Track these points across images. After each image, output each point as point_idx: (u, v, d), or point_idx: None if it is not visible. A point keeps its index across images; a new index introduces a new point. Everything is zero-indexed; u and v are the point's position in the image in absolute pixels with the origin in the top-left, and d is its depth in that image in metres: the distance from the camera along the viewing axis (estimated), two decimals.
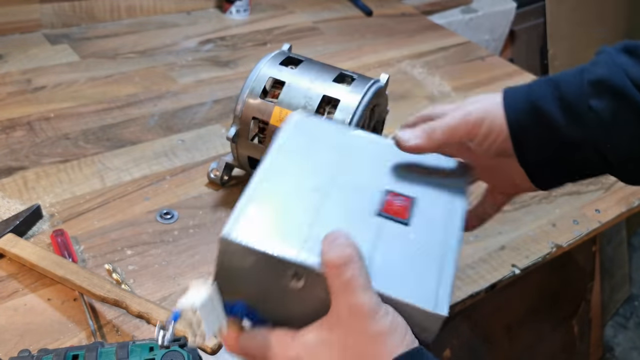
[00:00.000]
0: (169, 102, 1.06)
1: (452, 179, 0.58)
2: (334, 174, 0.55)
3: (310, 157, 0.56)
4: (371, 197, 0.54)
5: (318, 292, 0.46)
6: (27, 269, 0.71)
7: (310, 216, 0.50)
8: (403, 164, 0.58)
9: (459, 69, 1.32)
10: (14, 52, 1.13)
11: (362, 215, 0.52)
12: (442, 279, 0.48)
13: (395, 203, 0.54)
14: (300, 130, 0.59)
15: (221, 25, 1.34)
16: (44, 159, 0.89)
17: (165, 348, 0.56)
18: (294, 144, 0.57)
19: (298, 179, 0.54)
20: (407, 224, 0.52)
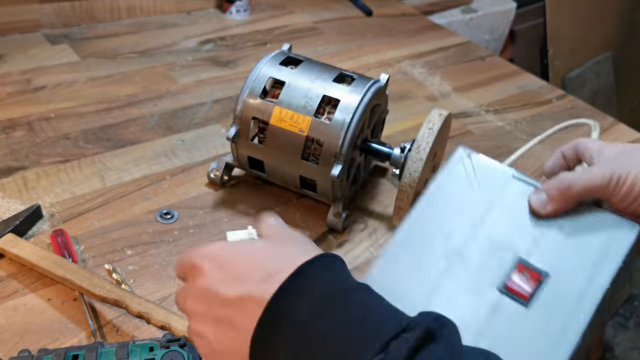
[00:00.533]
0: (169, 102, 1.06)
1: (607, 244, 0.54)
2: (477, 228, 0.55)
3: (460, 206, 0.57)
4: (502, 264, 0.53)
5: None
6: (27, 269, 0.71)
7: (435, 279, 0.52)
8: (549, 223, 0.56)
9: (459, 69, 1.32)
10: (14, 52, 1.13)
11: (484, 287, 0.52)
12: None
13: (519, 280, 0.52)
14: (461, 170, 0.59)
15: (221, 25, 1.34)
16: (44, 159, 0.89)
17: (166, 348, 0.56)
18: (450, 187, 0.58)
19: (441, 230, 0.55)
20: (526, 306, 0.51)
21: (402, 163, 0.79)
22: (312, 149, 0.79)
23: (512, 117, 1.17)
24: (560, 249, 0.54)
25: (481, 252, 0.54)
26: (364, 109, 0.78)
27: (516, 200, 0.57)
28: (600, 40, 2.41)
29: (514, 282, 0.52)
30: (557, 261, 0.53)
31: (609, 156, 0.58)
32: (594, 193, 0.56)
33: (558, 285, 0.52)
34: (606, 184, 0.55)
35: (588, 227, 0.55)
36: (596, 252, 0.53)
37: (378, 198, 0.91)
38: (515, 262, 0.53)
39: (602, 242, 0.54)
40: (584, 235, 0.55)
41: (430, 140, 0.75)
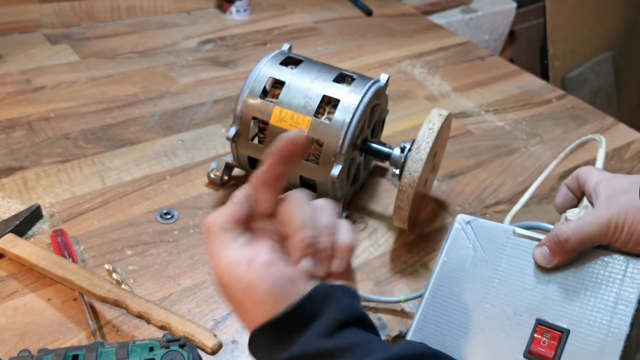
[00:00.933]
0: (169, 102, 1.06)
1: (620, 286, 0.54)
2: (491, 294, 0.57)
3: (471, 275, 0.58)
4: (523, 328, 0.54)
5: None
6: (27, 269, 0.71)
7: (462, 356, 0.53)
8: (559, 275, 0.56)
9: (459, 69, 1.32)
10: (14, 52, 1.13)
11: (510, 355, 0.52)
12: None
13: (542, 342, 0.53)
14: (463, 239, 0.61)
15: (221, 25, 1.34)
16: (44, 159, 0.89)
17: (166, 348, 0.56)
18: (457, 258, 0.60)
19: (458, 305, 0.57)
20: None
21: (402, 163, 0.79)
22: (312, 149, 0.79)
23: (512, 117, 1.17)
24: (575, 301, 0.54)
25: (501, 318, 0.55)
26: (364, 109, 0.78)
27: (522, 258, 0.58)
28: (600, 40, 2.41)
29: (537, 346, 0.53)
30: (574, 314, 0.54)
31: (605, 197, 0.57)
32: (593, 242, 0.56)
33: (579, 340, 0.52)
34: (604, 233, 0.55)
35: (598, 273, 0.55)
36: (611, 297, 0.54)
37: (378, 198, 0.91)
38: (533, 323, 0.54)
39: (615, 285, 0.54)
40: (595, 282, 0.55)
41: (430, 140, 0.75)
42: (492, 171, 1.01)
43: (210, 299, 0.72)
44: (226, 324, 0.69)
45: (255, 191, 0.47)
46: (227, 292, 0.45)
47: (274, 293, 0.43)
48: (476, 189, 0.96)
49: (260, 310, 0.43)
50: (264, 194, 0.47)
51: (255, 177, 0.48)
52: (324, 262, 0.46)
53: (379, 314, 0.73)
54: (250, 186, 0.47)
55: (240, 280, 0.44)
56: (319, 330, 0.42)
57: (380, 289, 0.77)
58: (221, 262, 0.45)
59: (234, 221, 0.46)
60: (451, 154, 1.02)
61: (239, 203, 0.46)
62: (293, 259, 0.46)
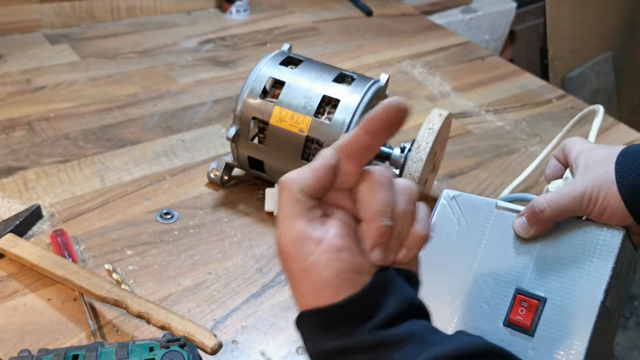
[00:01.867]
0: (169, 102, 1.06)
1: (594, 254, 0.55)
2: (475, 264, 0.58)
3: (456, 247, 0.59)
4: (502, 299, 0.55)
5: None
6: (27, 269, 0.71)
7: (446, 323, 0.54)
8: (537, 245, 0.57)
9: (459, 69, 1.32)
10: (14, 52, 1.13)
11: (491, 324, 0.53)
12: None
13: (520, 310, 0.54)
14: (448, 212, 0.62)
15: (221, 25, 1.34)
16: (44, 159, 0.89)
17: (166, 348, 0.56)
18: (443, 232, 0.61)
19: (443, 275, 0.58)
20: (531, 335, 0.52)
21: (402, 163, 0.79)
22: (312, 149, 0.79)
23: (512, 117, 1.17)
24: (553, 270, 0.56)
25: (483, 289, 0.56)
26: (364, 109, 0.78)
27: (503, 229, 0.59)
28: (600, 40, 2.41)
29: (515, 314, 0.54)
30: (552, 283, 0.55)
31: (583, 169, 0.57)
32: (568, 213, 0.57)
33: (555, 308, 0.53)
34: (578, 205, 0.56)
35: (574, 243, 0.56)
36: (586, 266, 0.55)
37: None
38: (513, 292, 0.55)
39: (590, 254, 0.55)
40: (572, 251, 0.56)
41: (430, 140, 0.75)
42: (492, 171, 1.01)
43: (210, 299, 0.72)
44: (226, 324, 0.69)
45: (340, 159, 0.43)
46: (287, 265, 0.43)
47: (335, 282, 0.41)
48: (476, 189, 0.96)
49: (317, 295, 0.41)
50: (348, 165, 0.43)
51: (343, 144, 0.43)
52: (394, 250, 0.44)
53: None
54: (336, 152, 0.43)
55: (305, 258, 0.41)
56: (374, 323, 0.41)
57: None
58: (289, 233, 0.42)
59: (316, 189, 0.42)
60: (451, 154, 1.02)
61: (324, 170, 0.43)
62: (364, 245, 0.42)
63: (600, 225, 0.56)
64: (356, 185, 0.44)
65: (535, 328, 0.53)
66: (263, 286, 0.75)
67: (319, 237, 0.41)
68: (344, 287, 0.41)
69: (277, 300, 0.73)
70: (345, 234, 0.42)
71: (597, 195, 0.55)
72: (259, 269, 0.77)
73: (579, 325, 0.52)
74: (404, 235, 0.44)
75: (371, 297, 0.41)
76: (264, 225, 0.83)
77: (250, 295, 0.73)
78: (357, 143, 0.43)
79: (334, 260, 0.41)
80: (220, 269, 0.76)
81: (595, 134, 0.71)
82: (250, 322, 0.70)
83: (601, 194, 0.55)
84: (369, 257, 0.42)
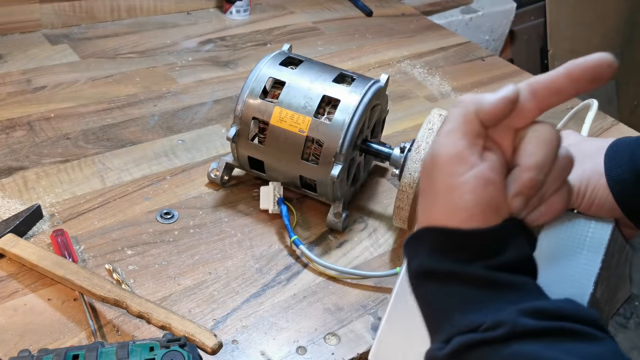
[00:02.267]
0: (169, 102, 1.06)
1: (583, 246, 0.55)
2: None
3: None
4: None
5: None
6: (27, 269, 0.71)
7: None
8: None
9: (459, 69, 1.32)
10: (14, 52, 1.13)
11: None
12: None
13: None
14: None
15: (221, 25, 1.34)
16: (44, 159, 0.89)
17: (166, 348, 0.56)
18: None
19: None
20: None
21: (402, 163, 0.79)
22: (312, 149, 0.79)
23: None
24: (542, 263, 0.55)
25: None
26: (364, 109, 0.78)
27: None
28: (600, 40, 2.41)
29: None
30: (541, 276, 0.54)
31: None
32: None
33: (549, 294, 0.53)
34: None
35: (564, 235, 0.56)
36: (576, 258, 0.54)
37: (378, 198, 0.91)
38: None
39: (580, 246, 0.55)
40: (561, 244, 0.55)
41: (430, 140, 0.75)
42: None
43: (211, 298, 0.72)
44: (226, 324, 0.69)
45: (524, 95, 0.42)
46: (432, 177, 0.43)
47: (474, 210, 0.41)
48: None
49: (451, 214, 0.42)
50: (530, 103, 0.43)
51: (537, 80, 0.43)
52: (531, 206, 0.44)
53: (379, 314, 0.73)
54: (523, 88, 0.43)
55: (455, 176, 0.41)
56: (491, 262, 0.41)
57: (380, 288, 0.77)
58: (450, 146, 0.42)
59: (491, 116, 0.42)
60: None
61: (505, 101, 0.42)
62: (509, 189, 0.43)
63: (589, 217, 0.56)
64: (524, 129, 0.43)
65: None
66: (263, 286, 0.75)
67: (474, 162, 0.41)
68: (478, 218, 0.41)
69: (277, 300, 0.73)
70: (499, 170, 0.42)
71: (585, 188, 0.55)
72: (259, 269, 0.77)
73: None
74: (545, 198, 0.44)
75: (498, 238, 0.42)
76: (264, 225, 0.83)
77: (251, 295, 0.73)
78: (552, 83, 0.42)
79: (480, 188, 0.41)
80: (220, 269, 0.76)
81: (588, 128, 0.70)
82: (250, 322, 0.70)
83: (590, 186, 0.54)
84: (510, 202, 0.42)
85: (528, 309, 0.40)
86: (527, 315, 0.39)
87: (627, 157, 0.54)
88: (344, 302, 0.74)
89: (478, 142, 0.42)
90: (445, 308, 0.42)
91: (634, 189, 0.53)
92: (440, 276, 0.42)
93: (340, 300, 0.75)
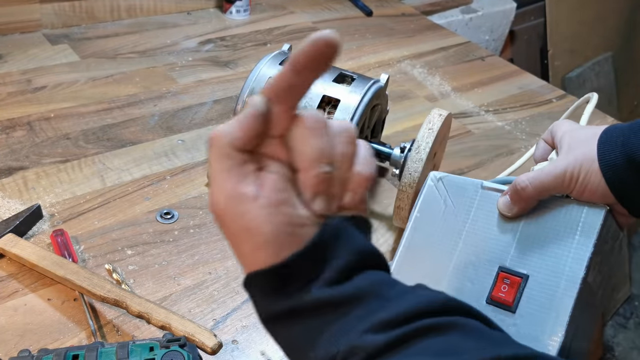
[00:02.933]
0: (169, 102, 1.06)
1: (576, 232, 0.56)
2: (461, 244, 0.58)
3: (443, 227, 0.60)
4: (486, 277, 0.56)
5: None
6: (27, 269, 0.71)
7: None
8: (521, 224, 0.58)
9: (459, 69, 1.32)
10: (14, 52, 1.13)
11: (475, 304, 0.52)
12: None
13: (502, 287, 0.55)
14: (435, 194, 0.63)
15: (221, 25, 1.34)
16: (44, 159, 0.89)
17: (166, 348, 0.56)
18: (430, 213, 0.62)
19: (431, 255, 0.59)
20: (513, 311, 0.53)
21: (402, 163, 0.79)
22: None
23: (512, 117, 1.17)
24: (536, 248, 0.56)
25: (467, 268, 0.56)
26: (364, 109, 0.78)
27: (488, 209, 0.60)
28: (600, 40, 2.41)
29: (498, 291, 0.54)
30: (534, 261, 0.55)
31: (566, 149, 0.58)
32: (550, 191, 0.57)
33: (537, 285, 0.54)
34: (559, 183, 0.56)
35: (557, 221, 0.57)
36: (568, 243, 0.55)
37: (378, 198, 0.91)
38: (496, 270, 0.56)
39: (572, 231, 0.56)
40: (554, 229, 0.56)
41: (430, 140, 0.75)
42: (492, 171, 1.01)
43: (210, 298, 0.72)
44: (226, 324, 0.69)
45: (269, 104, 0.39)
46: (225, 226, 0.39)
47: (278, 239, 0.38)
48: None
49: (260, 255, 0.38)
50: (278, 107, 0.39)
51: (270, 85, 0.39)
52: (337, 196, 0.41)
53: None
54: (263, 97, 0.39)
55: (242, 217, 0.38)
56: (324, 280, 0.38)
57: None
58: (223, 191, 0.38)
59: (245, 141, 0.38)
60: (451, 154, 1.02)
61: (252, 118, 0.38)
62: (304, 196, 0.39)
63: (583, 203, 0.57)
64: (290, 132, 0.40)
65: (517, 305, 0.53)
66: None
67: (255, 193, 0.38)
68: (287, 244, 0.38)
69: None
70: (283, 186, 0.39)
71: (578, 173, 0.55)
72: None
73: (560, 302, 0.52)
74: (346, 178, 0.41)
75: (318, 251, 0.38)
76: None
77: None
78: (283, 81, 0.38)
79: (274, 215, 0.38)
80: (220, 268, 0.76)
81: (586, 119, 0.71)
82: (250, 322, 0.70)
83: (582, 172, 0.55)
84: (312, 207, 0.39)
85: (375, 324, 0.37)
86: (374, 330, 0.36)
87: (619, 143, 0.55)
88: None
89: (248, 171, 0.38)
90: (301, 347, 0.39)
91: (626, 174, 0.54)
92: (283, 317, 0.39)
93: None
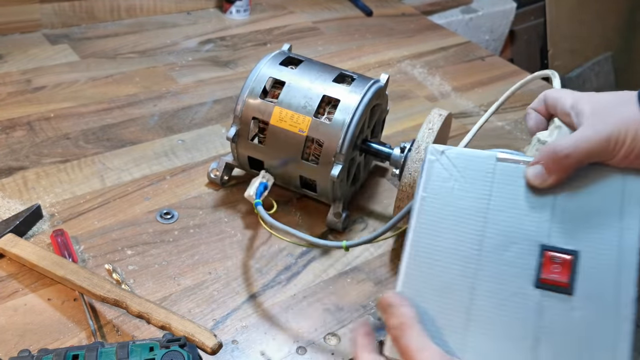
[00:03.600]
0: (169, 102, 1.06)
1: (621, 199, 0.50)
2: (482, 227, 0.51)
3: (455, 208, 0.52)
4: (525, 257, 0.49)
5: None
6: (27, 269, 0.71)
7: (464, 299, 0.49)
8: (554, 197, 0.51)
9: (459, 69, 1.32)
10: (14, 52, 1.13)
11: (518, 289, 0.48)
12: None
13: (553, 267, 0.48)
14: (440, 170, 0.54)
15: (221, 25, 1.34)
16: (44, 159, 0.89)
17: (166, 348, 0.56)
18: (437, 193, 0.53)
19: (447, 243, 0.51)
20: (570, 293, 0.47)
21: (402, 163, 0.79)
22: (312, 149, 0.79)
23: (512, 117, 1.17)
24: (577, 220, 0.50)
25: (499, 251, 0.50)
26: (364, 109, 0.78)
27: (512, 183, 0.52)
28: (600, 40, 2.41)
29: (548, 273, 0.48)
30: (579, 235, 0.49)
31: (593, 113, 0.53)
32: (592, 158, 0.52)
33: (592, 260, 0.48)
34: (604, 148, 0.51)
35: (596, 188, 0.51)
36: (612, 213, 0.50)
37: (378, 198, 0.91)
38: (537, 250, 0.49)
39: (616, 199, 0.50)
40: (595, 198, 0.51)
41: (430, 140, 0.75)
42: None
43: (210, 299, 0.72)
44: (226, 324, 0.69)
45: None
46: None
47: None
48: None
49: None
50: None
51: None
52: None
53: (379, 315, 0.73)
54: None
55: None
56: None
57: (380, 289, 0.77)
58: None
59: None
60: None
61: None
62: None
63: (620, 169, 0.51)
64: None
65: (574, 285, 0.47)
66: (263, 286, 0.75)
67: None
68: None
69: (277, 300, 0.73)
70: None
71: (624, 137, 0.51)
72: (259, 269, 0.77)
73: (620, 276, 0.47)
74: None
75: None
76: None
77: (250, 295, 0.73)
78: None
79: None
80: (220, 269, 0.76)
81: None
82: (250, 322, 0.70)
83: (629, 135, 0.51)
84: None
85: None
86: None
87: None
88: (344, 302, 0.74)
89: None
90: None
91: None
92: None
93: (340, 300, 0.75)
